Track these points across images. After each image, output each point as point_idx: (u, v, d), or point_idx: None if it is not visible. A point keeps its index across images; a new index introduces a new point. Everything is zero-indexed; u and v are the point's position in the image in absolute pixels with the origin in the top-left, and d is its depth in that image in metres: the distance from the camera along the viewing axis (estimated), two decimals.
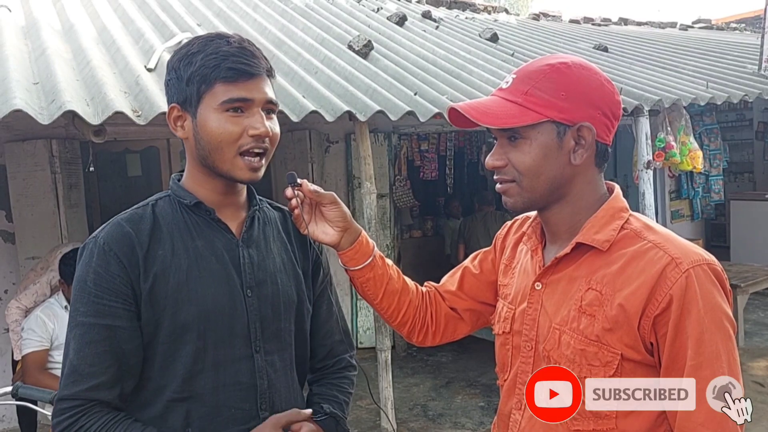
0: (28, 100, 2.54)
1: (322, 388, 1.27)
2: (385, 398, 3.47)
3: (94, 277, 1.05)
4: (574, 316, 1.00)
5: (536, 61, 1.05)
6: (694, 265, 0.93)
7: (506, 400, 1.13)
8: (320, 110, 3.09)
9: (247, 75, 1.07)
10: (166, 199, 1.15)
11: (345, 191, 5.15)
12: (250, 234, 1.17)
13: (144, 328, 1.06)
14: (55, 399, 1.06)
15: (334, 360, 1.29)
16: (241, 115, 1.07)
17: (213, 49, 1.07)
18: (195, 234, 1.12)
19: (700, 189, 6.84)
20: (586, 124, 1.00)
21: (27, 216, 3.95)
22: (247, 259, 1.14)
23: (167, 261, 1.08)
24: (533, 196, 1.04)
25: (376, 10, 5.95)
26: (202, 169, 1.13)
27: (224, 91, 1.06)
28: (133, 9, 4.31)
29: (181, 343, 1.07)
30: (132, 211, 1.13)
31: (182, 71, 1.09)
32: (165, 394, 1.08)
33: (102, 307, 1.04)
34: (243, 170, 1.08)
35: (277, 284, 1.16)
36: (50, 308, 2.90)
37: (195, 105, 1.08)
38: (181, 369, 1.07)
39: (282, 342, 1.17)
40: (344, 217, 1.20)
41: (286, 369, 1.19)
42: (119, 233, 1.07)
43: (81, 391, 1.03)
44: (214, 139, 1.07)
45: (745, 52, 6.52)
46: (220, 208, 1.15)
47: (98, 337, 1.04)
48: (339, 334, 1.30)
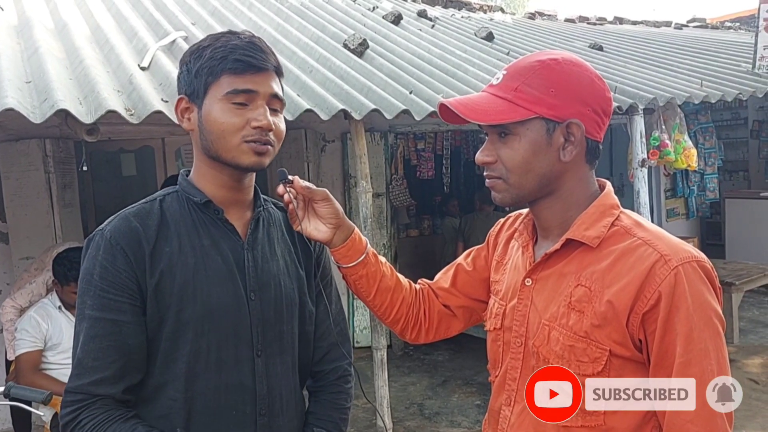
0: (20, 99, 2.53)
1: (318, 407, 1.27)
2: (381, 397, 3.47)
3: (100, 271, 1.05)
4: (563, 312, 1.00)
5: (527, 57, 1.05)
6: (683, 262, 0.93)
7: (496, 396, 1.13)
8: (315, 109, 3.08)
9: (254, 68, 1.07)
10: (173, 195, 1.15)
11: (341, 190, 5.14)
12: (255, 236, 1.17)
13: (148, 324, 1.07)
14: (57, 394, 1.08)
15: (331, 367, 1.28)
16: (245, 107, 1.07)
17: (222, 42, 1.08)
18: (202, 232, 1.12)
19: (695, 187, 6.85)
20: (575, 121, 1.00)
21: (21, 216, 3.94)
22: (251, 262, 1.14)
23: (174, 258, 1.08)
24: (521, 192, 1.04)
25: (371, 8, 5.95)
26: (208, 161, 1.12)
27: (230, 82, 1.06)
28: (127, 8, 4.30)
29: (184, 341, 1.07)
30: (139, 205, 1.13)
31: (192, 64, 1.10)
32: (166, 392, 1.08)
33: (107, 301, 1.04)
34: (248, 154, 1.08)
35: (280, 287, 1.16)
36: (44, 308, 2.89)
37: (202, 96, 1.09)
38: (182, 367, 1.07)
39: (284, 345, 1.17)
40: (337, 213, 1.20)
41: (288, 372, 1.19)
42: (126, 227, 1.07)
43: (84, 384, 1.03)
44: (217, 129, 1.07)
45: (739, 50, 6.53)
46: (227, 207, 1.15)
47: (103, 331, 1.04)
48: (336, 337, 1.29)
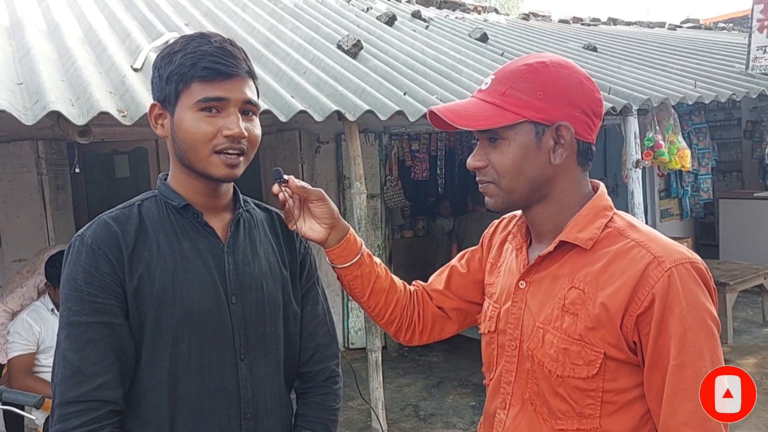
0: (11, 100, 2.51)
1: (307, 408, 1.26)
2: (376, 399, 3.46)
3: (84, 276, 1.03)
4: (557, 314, 1.00)
5: (515, 61, 1.05)
6: (676, 263, 0.93)
7: (491, 399, 1.13)
8: (309, 110, 3.08)
9: (223, 75, 1.06)
10: (152, 199, 1.14)
11: (336, 191, 5.14)
12: (236, 239, 1.16)
13: (131, 328, 1.05)
14: (55, 404, 1.01)
15: (319, 368, 1.27)
16: (216, 115, 1.06)
17: (192, 48, 1.07)
18: (181, 236, 1.11)
19: (689, 188, 6.88)
20: (565, 124, 0.99)
21: (13, 218, 3.92)
22: (232, 265, 1.13)
23: (152, 262, 1.07)
24: (513, 196, 1.04)
25: (365, 9, 5.95)
26: (183, 168, 1.12)
27: (200, 90, 1.05)
28: (120, 8, 4.28)
29: (164, 345, 1.06)
30: (118, 210, 1.12)
31: (163, 69, 1.09)
32: (149, 397, 1.07)
33: (97, 305, 1.03)
34: (219, 167, 1.07)
35: (262, 289, 1.15)
36: (36, 311, 2.87)
37: (173, 103, 1.08)
38: (164, 372, 1.06)
39: (267, 347, 1.16)
40: (332, 213, 1.19)
41: (272, 374, 1.17)
42: (106, 232, 1.07)
43: (88, 391, 1.00)
44: (188, 138, 1.06)
45: (732, 51, 6.57)
46: (205, 210, 1.14)
47: (97, 335, 1.02)
48: (324, 338, 1.28)
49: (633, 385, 0.97)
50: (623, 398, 0.97)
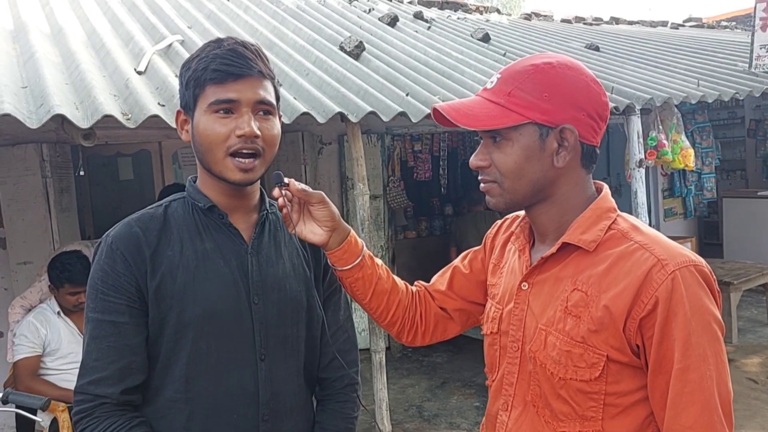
0: (16, 104, 2.52)
1: (325, 416, 1.26)
2: (380, 399, 3.46)
3: (101, 275, 1.08)
4: (559, 316, 1.00)
5: (521, 61, 1.05)
6: (680, 266, 0.93)
7: (494, 400, 1.13)
8: (312, 112, 3.08)
9: (233, 76, 1.07)
10: (180, 200, 1.18)
11: (338, 192, 5.14)
12: (260, 240, 1.18)
13: (150, 326, 1.09)
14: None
15: (338, 375, 1.27)
16: (229, 116, 1.08)
17: (206, 53, 1.10)
18: (205, 236, 1.13)
19: (693, 187, 6.86)
20: (569, 126, 0.99)
21: (18, 221, 3.93)
22: (256, 266, 1.15)
23: (175, 261, 1.10)
24: (515, 197, 1.04)
25: (367, 11, 5.95)
26: (205, 171, 1.15)
27: (213, 92, 1.08)
28: (123, 12, 4.29)
29: (184, 342, 1.08)
30: (144, 211, 1.16)
31: (183, 77, 1.13)
32: (166, 393, 1.09)
33: (108, 303, 1.07)
34: (233, 171, 1.09)
35: (286, 291, 1.17)
36: (43, 314, 2.88)
37: (193, 108, 1.11)
38: (182, 369, 1.08)
39: (288, 349, 1.17)
40: (333, 216, 1.20)
41: (293, 377, 1.18)
42: (126, 233, 1.10)
43: (84, 384, 1.06)
44: (204, 141, 1.09)
45: (735, 50, 6.54)
46: (231, 212, 1.16)
47: (103, 332, 1.07)
48: (344, 344, 1.28)
49: (636, 388, 0.97)
50: (626, 401, 0.97)
